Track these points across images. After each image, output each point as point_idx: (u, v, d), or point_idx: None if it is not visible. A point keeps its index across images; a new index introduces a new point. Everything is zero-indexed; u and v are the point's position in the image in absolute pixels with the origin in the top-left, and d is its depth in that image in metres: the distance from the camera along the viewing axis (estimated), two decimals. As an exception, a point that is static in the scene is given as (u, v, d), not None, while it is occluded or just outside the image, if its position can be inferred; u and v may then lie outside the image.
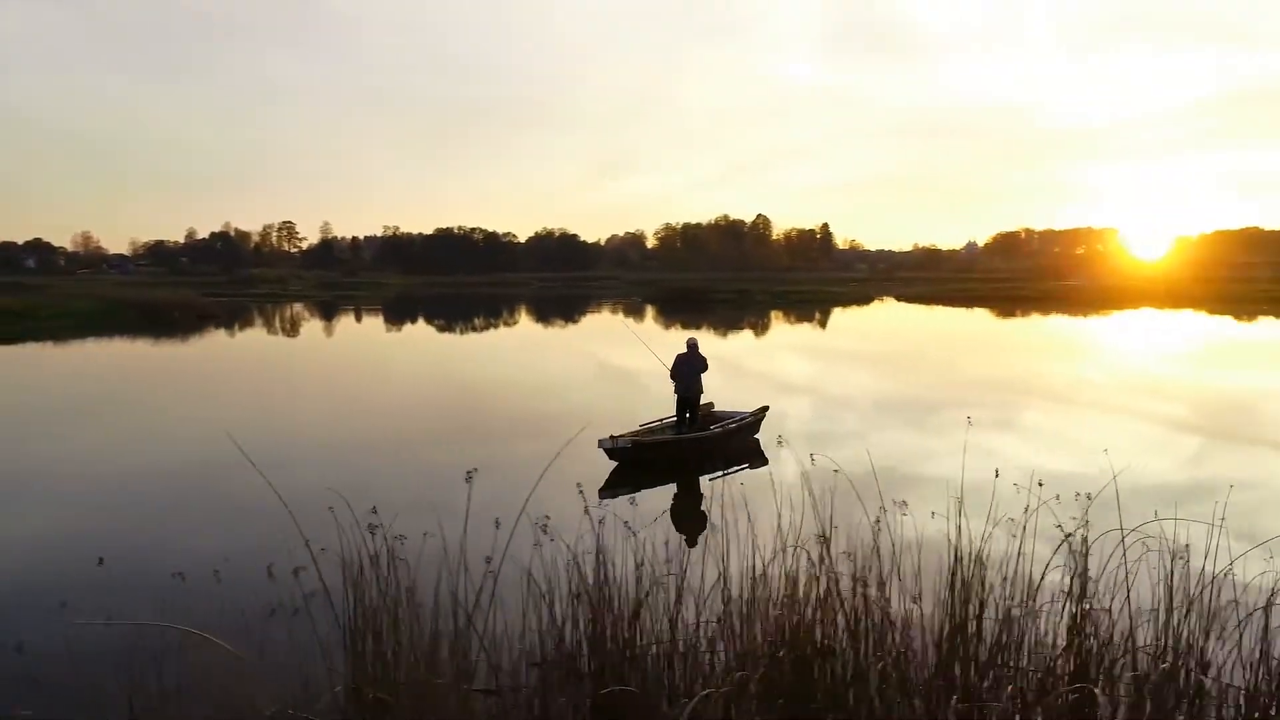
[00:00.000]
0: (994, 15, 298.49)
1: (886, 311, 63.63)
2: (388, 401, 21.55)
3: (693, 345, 13.78)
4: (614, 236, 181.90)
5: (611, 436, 12.41)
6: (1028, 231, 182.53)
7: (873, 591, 5.11)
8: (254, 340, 43.74)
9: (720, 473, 12.35)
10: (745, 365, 27.42)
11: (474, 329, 52.38)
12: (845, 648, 4.99)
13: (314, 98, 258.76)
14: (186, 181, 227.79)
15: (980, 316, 57.38)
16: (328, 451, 14.87)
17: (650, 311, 63.65)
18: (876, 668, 4.83)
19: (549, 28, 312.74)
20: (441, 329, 52.72)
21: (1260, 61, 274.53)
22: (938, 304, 62.14)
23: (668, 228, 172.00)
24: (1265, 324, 47.75)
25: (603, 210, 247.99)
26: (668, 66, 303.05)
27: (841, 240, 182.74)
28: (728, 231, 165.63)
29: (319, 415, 19.32)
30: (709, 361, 13.99)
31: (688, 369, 13.47)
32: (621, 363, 30.30)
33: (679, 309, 61.33)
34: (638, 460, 12.52)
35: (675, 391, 13.69)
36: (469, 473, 5.16)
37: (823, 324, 52.80)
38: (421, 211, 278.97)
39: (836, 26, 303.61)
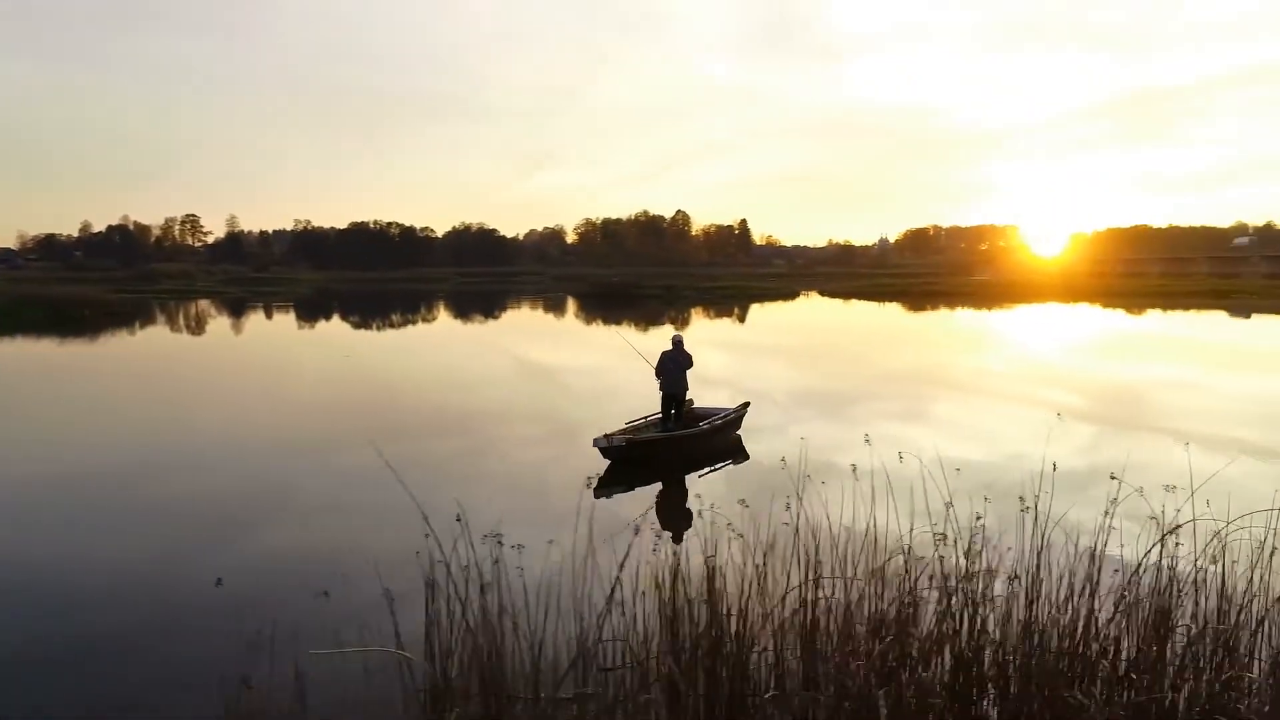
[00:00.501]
0: (902, 19, 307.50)
1: (811, 306, 65.00)
2: (349, 403, 21.06)
3: (678, 343, 13.71)
4: (533, 231, 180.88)
5: (606, 435, 12.35)
6: (935, 228, 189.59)
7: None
8: (167, 339, 41.92)
9: (709, 469, 12.62)
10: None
11: (395, 325, 51.42)
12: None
13: (219, 85, 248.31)
14: (81, 172, 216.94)
15: (898, 311, 59.21)
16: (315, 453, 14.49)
17: (574, 306, 63.67)
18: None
19: (467, 17, 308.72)
20: (358, 326, 51.56)
21: (1144, 68, 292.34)
22: (858, 299, 63.66)
23: (588, 223, 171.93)
24: (1153, 317, 50.67)
25: (522, 205, 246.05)
26: (588, 60, 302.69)
27: (759, 236, 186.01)
28: (648, 227, 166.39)
29: (245, 415, 18.77)
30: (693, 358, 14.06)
31: (673, 366, 13.39)
32: (541, 359, 30.34)
33: (606, 305, 61.39)
34: (630, 458, 12.42)
35: (661, 389, 13.58)
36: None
37: (743, 318, 53.66)
38: (334, 205, 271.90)
39: (753, 25, 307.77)
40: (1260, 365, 28.40)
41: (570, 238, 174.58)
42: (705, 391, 16.07)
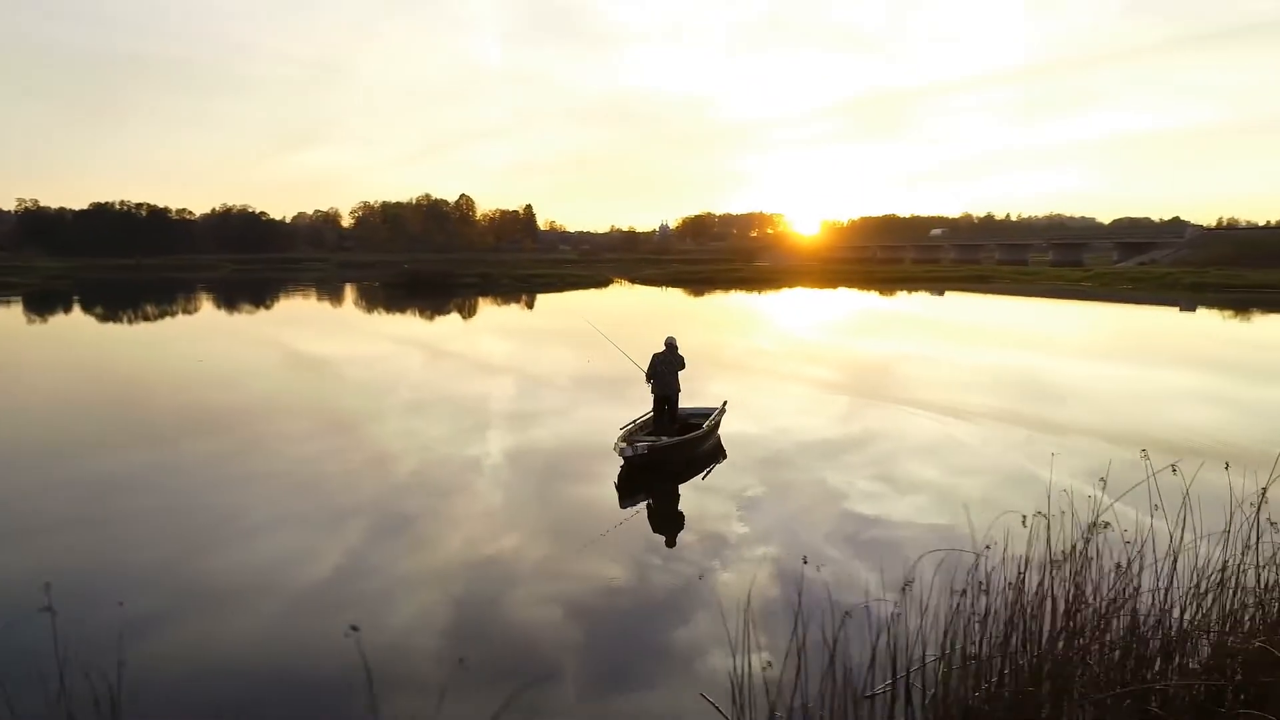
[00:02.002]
0: (671, 11, 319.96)
1: (625, 293, 65.76)
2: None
3: (671, 345, 13.24)
4: (303, 215, 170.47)
5: (629, 443, 11.98)
6: (710, 215, 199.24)
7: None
8: None
9: (708, 469, 12.58)
10: (456, 349, 27.66)
11: (153, 318, 46.85)
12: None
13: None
14: None
15: (698, 296, 61.93)
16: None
17: (384, 298, 61.06)
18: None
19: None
20: (105, 319, 46.54)
21: (890, 69, 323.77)
22: (671, 285, 64.84)
23: (366, 206, 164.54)
24: (905, 299, 56.64)
25: (288, 185, 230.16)
26: (355, 36, 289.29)
27: (544, 222, 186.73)
28: (431, 211, 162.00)
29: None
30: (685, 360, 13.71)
31: (666, 368, 12.96)
32: (305, 348, 29.24)
33: (418, 295, 58.52)
34: (649, 464, 12.00)
35: (653, 391, 13.16)
36: None
37: (532, 304, 54.03)
38: (69, 183, 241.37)
39: (525, 9, 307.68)
40: (999, 340, 32.78)
41: (346, 221, 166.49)
42: (480, 379, 16.40)
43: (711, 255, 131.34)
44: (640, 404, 14.70)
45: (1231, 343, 31.83)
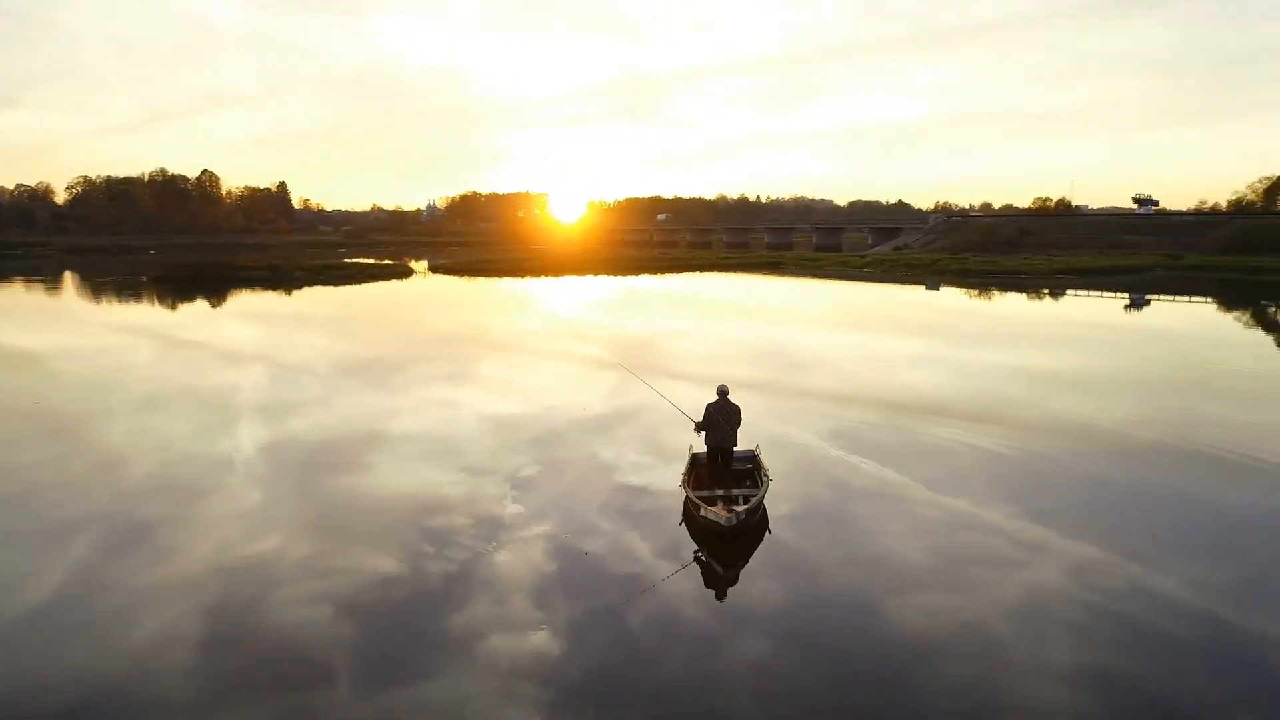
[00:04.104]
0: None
1: (432, 283, 61.09)
2: None
3: (723, 392, 11.31)
4: (3, 189, 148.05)
5: (731, 511, 9.51)
6: (477, 194, 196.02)
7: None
8: None
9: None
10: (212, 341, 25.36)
11: None
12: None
13: None
14: None
15: (504, 281, 60.38)
16: None
17: (155, 293, 53.89)
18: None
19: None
20: None
21: (647, 53, 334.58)
22: (477, 275, 61.10)
23: (86, 181, 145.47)
24: (686, 278, 58.90)
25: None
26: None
27: (298, 200, 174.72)
28: (166, 188, 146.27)
29: None
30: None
31: (724, 419, 11.07)
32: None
33: (195, 289, 48.46)
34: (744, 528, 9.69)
35: (707, 442, 11.20)
36: None
37: (292, 292, 50.32)
38: None
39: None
40: (765, 318, 34.95)
41: (61, 198, 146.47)
42: (242, 367, 15.24)
43: (486, 237, 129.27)
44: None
45: (960, 314, 36.13)
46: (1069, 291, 44.63)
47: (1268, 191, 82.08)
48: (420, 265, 68.78)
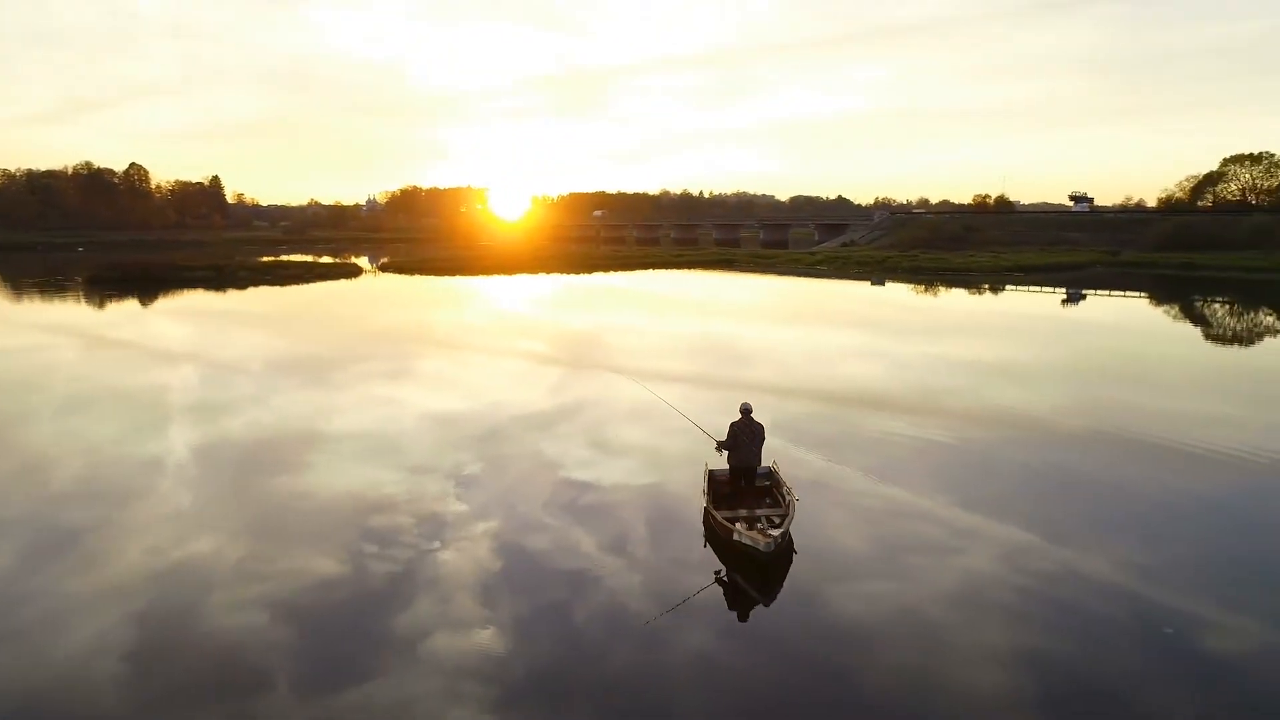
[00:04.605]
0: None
1: (386, 283, 59.48)
2: None
3: (747, 410, 10.89)
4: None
5: (767, 536, 8.94)
6: (417, 189, 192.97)
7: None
8: None
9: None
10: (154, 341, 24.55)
11: None
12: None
13: None
14: None
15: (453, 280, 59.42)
16: None
17: (88, 295, 51.57)
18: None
19: None
20: None
21: (588, 48, 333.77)
22: (421, 274, 59.59)
23: (5, 174, 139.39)
24: (640, 276, 58.83)
25: None
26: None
27: (231, 195, 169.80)
28: (92, 182, 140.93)
29: None
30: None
31: (748, 438, 10.69)
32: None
33: (131, 290, 45.51)
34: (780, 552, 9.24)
35: (730, 462, 10.73)
36: None
37: (231, 291, 48.93)
38: None
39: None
40: (708, 313, 35.12)
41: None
42: (175, 367, 14.83)
43: (428, 234, 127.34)
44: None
45: (904, 309, 36.79)
46: (1009, 287, 45.76)
47: (1194, 189, 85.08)
48: (365, 262, 67.29)
